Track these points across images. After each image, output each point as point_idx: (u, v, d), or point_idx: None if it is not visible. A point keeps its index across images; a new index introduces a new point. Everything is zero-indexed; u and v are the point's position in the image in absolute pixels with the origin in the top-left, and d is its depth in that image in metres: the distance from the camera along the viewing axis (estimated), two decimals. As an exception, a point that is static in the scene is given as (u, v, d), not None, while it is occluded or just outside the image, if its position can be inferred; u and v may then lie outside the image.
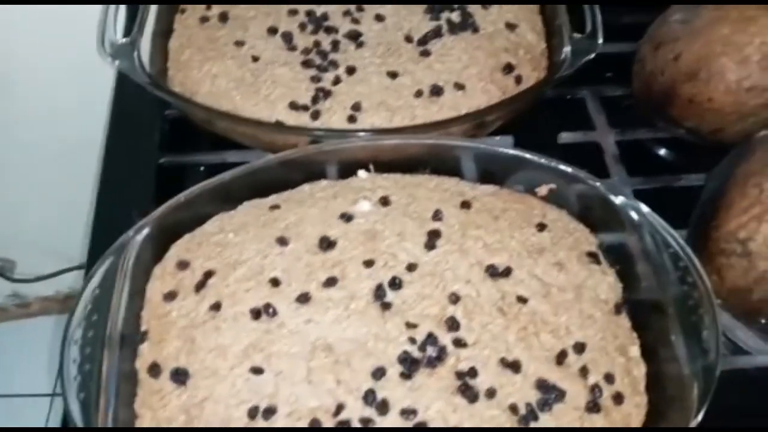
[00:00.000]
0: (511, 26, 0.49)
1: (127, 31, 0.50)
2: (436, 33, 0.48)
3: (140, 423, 0.35)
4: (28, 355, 1.10)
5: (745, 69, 0.41)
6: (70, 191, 0.92)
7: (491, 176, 0.45)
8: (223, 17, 0.50)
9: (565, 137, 0.52)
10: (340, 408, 0.34)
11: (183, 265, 0.39)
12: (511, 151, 0.44)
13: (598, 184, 0.42)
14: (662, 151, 0.53)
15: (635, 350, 0.38)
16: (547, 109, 0.53)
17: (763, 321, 0.39)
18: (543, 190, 0.44)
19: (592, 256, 0.41)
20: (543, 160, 0.43)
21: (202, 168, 0.51)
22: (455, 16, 0.49)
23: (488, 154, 0.44)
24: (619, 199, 0.41)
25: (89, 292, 0.37)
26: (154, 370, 0.36)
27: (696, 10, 0.44)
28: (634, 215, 0.40)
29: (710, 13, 0.43)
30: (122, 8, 0.51)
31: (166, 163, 0.50)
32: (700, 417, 0.34)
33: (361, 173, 0.44)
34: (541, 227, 0.42)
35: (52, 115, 0.84)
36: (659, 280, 0.38)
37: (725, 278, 0.39)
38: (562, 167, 0.43)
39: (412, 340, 0.36)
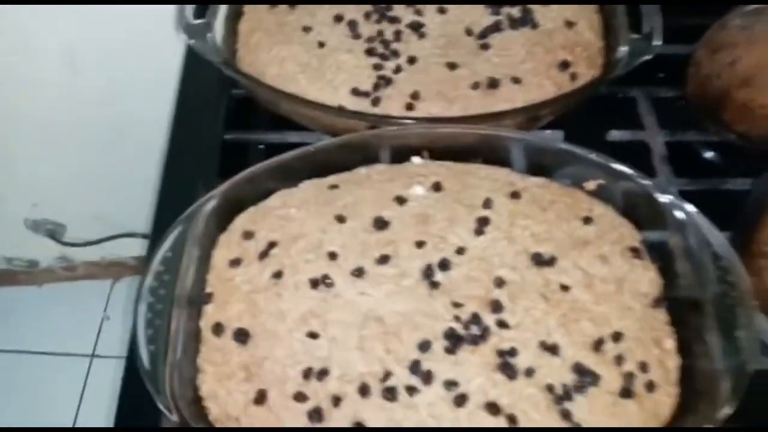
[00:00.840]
0: (569, 24, 0.51)
1: (201, 13, 0.53)
2: (496, 27, 0.50)
3: (202, 377, 0.38)
4: (72, 316, 1.17)
5: (801, 77, 0.42)
6: (121, 165, 0.97)
7: (541, 169, 0.46)
8: (292, 3, 0.53)
9: (614, 135, 0.53)
10: (387, 375, 0.37)
11: (248, 234, 0.42)
12: (563, 146, 0.45)
13: (646, 181, 0.43)
14: (710, 154, 0.54)
15: (670, 343, 0.40)
16: (598, 106, 0.54)
17: (800, 325, 0.40)
18: (591, 185, 0.45)
19: (635, 251, 0.42)
20: (593, 156, 0.44)
21: (263, 146, 0.54)
22: (515, 12, 0.51)
23: (540, 147, 0.45)
24: (665, 198, 0.42)
25: (161, 254, 0.40)
26: (218, 329, 0.39)
27: (757, 16, 0.45)
28: (679, 214, 0.41)
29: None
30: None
31: (230, 140, 0.53)
32: (730, 411, 0.35)
33: (416, 159, 0.46)
34: (587, 221, 0.43)
35: (113, 91, 0.87)
36: (699, 278, 0.40)
37: (765, 281, 0.40)
38: (612, 164, 0.44)
39: (458, 318, 0.38)
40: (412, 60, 0.49)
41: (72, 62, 0.83)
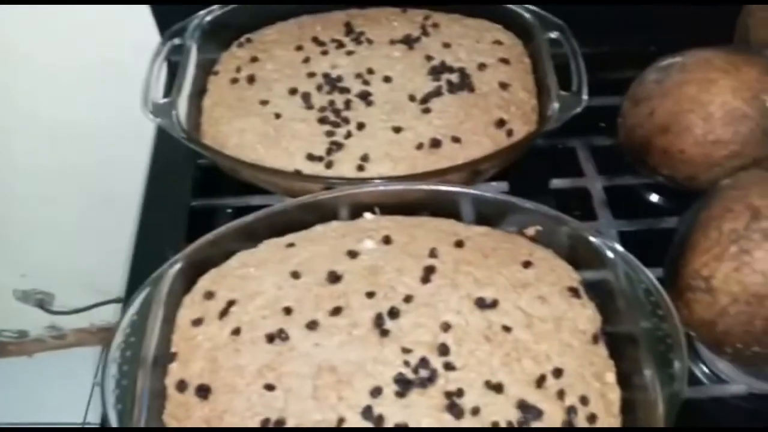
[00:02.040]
0: (504, 86, 0.55)
1: (167, 91, 0.57)
2: (437, 92, 0.55)
3: (168, 433, 0.40)
4: (63, 384, 1.16)
5: (709, 124, 0.46)
6: (107, 233, 0.99)
7: (485, 219, 0.50)
8: (251, 79, 0.57)
9: (556, 183, 0.57)
10: (341, 421, 0.39)
11: (209, 295, 0.45)
12: (501, 197, 0.49)
13: (579, 225, 0.47)
14: (648, 197, 0.58)
15: (611, 377, 0.42)
16: (540, 157, 0.58)
17: (729, 351, 0.42)
18: (530, 231, 0.49)
19: (573, 291, 0.45)
20: (529, 204, 0.48)
21: (229, 210, 0.57)
22: (454, 78, 0.56)
23: (480, 199, 0.49)
24: (595, 239, 0.45)
25: (128, 317, 0.42)
26: (181, 386, 0.41)
27: (667, 71, 0.49)
28: (609, 254, 0.45)
29: (679, 75, 0.48)
30: (163, 70, 0.59)
31: (198, 207, 0.56)
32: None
33: (367, 215, 0.49)
34: (527, 264, 0.46)
35: (94, 165, 0.92)
36: (633, 314, 0.42)
37: (693, 312, 0.43)
38: (548, 211, 0.48)
39: (407, 364, 0.41)
40: (360, 126, 0.53)
41: (57, 139, 0.88)
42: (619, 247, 0.45)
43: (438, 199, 0.50)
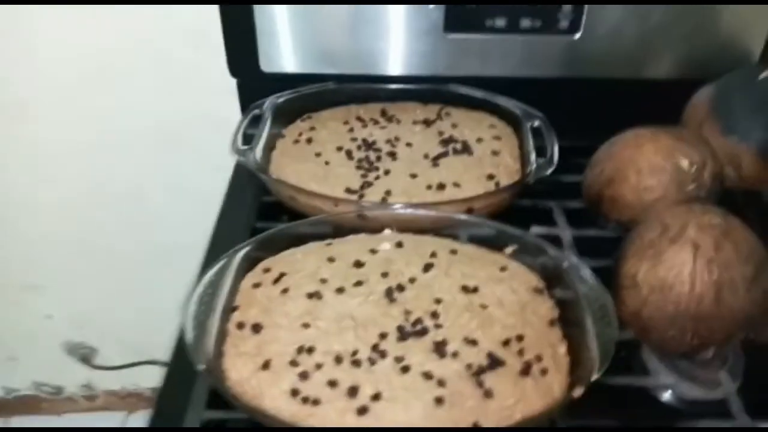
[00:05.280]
0: (495, 153, 0.74)
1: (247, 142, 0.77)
2: (444, 154, 0.73)
3: (226, 357, 0.54)
4: None
5: (640, 176, 0.63)
6: (159, 290, 1.11)
7: (473, 242, 0.66)
8: (309, 140, 0.78)
9: (535, 229, 0.73)
10: (355, 351, 0.52)
11: (266, 270, 0.61)
12: (489, 222, 0.65)
13: (547, 246, 0.62)
14: (606, 243, 0.73)
15: (562, 348, 0.55)
16: (524, 212, 0.75)
17: (654, 337, 0.55)
18: (509, 250, 0.64)
19: (538, 290, 0.60)
20: (511, 229, 0.64)
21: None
22: (458, 146, 0.75)
23: (469, 222, 0.65)
24: (557, 253, 0.61)
25: (208, 276, 0.58)
26: (240, 325, 0.56)
27: (613, 143, 0.68)
28: (565, 263, 0.60)
29: (619, 144, 0.66)
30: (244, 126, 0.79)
31: (260, 228, 0.73)
32: (594, 377, 0.50)
33: (387, 230, 0.66)
34: (503, 269, 0.61)
35: (147, 222, 1.07)
36: (581, 306, 0.56)
37: (626, 304, 0.56)
38: (528, 236, 0.64)
39: (407, 320, 0.55)
40: (387, 172, 0.71)
41: (136, 195, 1.06)
42: (574, 258, 0.60)
43: (441, 224, 0.66)
